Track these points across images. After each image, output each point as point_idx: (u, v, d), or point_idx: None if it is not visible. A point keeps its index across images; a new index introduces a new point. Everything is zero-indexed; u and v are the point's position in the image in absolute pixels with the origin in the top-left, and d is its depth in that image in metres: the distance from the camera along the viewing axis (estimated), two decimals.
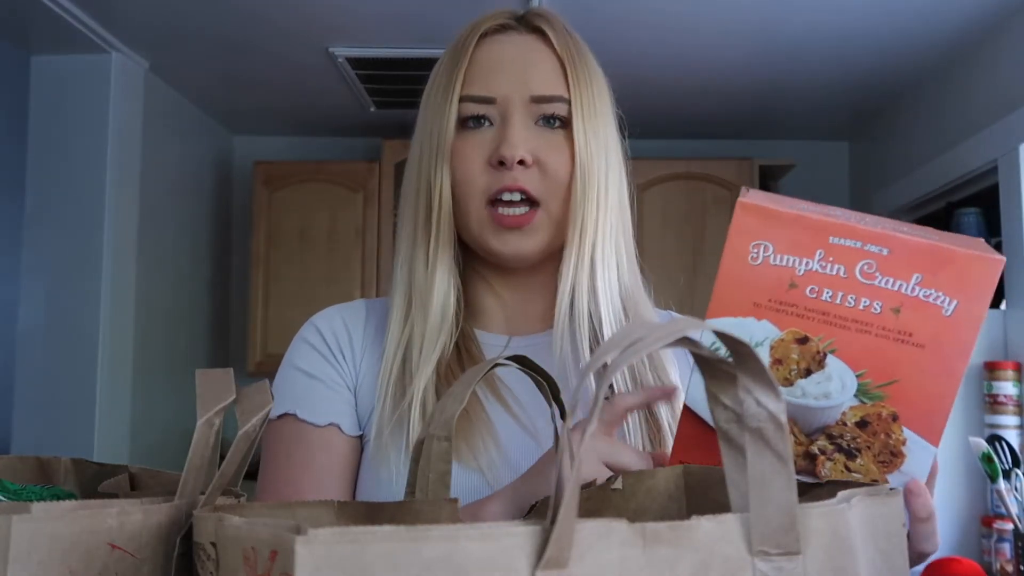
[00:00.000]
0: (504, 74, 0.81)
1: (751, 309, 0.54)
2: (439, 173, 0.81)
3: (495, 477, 0.77)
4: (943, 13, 2.47)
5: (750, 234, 0.53)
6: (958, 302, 0.51)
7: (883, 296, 0.52)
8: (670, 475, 0.58)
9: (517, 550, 0.32)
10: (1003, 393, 2.23)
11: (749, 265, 0.53)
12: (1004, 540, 2.15)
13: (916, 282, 0.51)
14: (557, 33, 0.83)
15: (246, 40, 2.73)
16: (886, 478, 0.56)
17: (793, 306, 0.53)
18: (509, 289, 0.88)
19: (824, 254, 0.52)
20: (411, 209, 0.85)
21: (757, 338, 0.54)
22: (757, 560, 0.35)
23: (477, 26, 0.84)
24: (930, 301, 0.52)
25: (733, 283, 0.54)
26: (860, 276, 0.52)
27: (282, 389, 0.84)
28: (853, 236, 0.52)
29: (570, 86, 0.81)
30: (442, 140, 0.81)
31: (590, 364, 0.34)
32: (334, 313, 0.89)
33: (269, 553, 0.32)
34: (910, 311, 0.52)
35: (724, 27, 2.62)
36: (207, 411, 0.44)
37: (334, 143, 3.83)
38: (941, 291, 0.51)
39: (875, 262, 0.52)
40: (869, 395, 0.54)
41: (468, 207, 0.81)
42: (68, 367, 2.75)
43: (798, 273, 0.53)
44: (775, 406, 0.37)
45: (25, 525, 0.37)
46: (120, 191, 2.85)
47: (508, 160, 0.78)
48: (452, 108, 0.81)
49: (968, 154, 2.63)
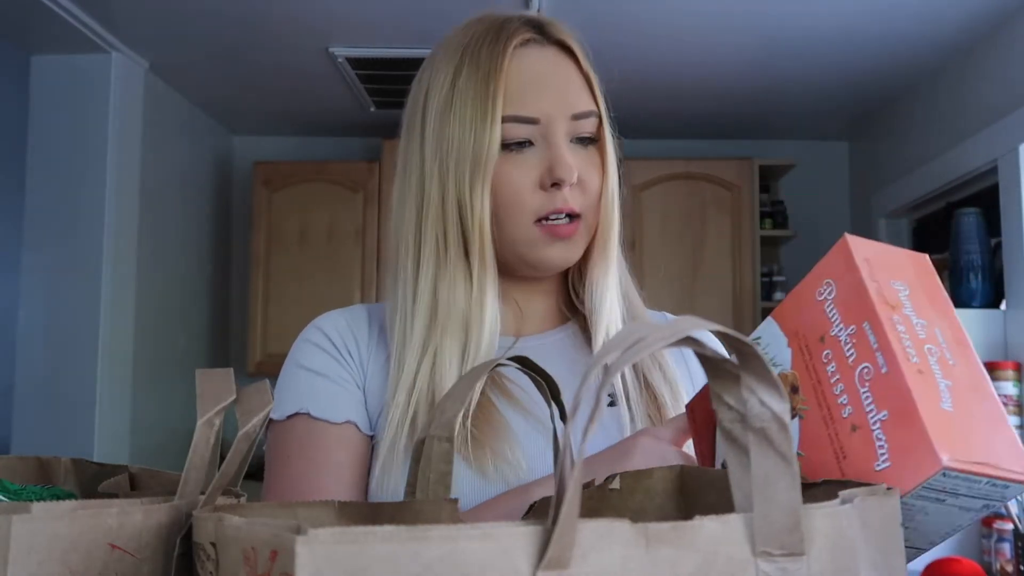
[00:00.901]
0: (546, 92, 0.80)
1: (791, 333, 0.56)
2: (479, 195, 0.79)
3: (517, 478, 0.77)
4: (943, 14, 2.47)
5: (831, 271, 0.54)
6: (890, 465, 0.48)
7: (856, 407, 0.50)
8: (667, 475, 0.58)
9: (518, 550, 0.32)
10: (1003, 393, 2.23)
11: (813, 298, 0.55)
12: (1004, 540, 2.15)
13: (880, 419, 0.49)
14: (578, 44, 0.84)
15: (246, 40, 2.73)
16: None
17: (811, 356, 0.54)
18: (524, 296, 0.88)
19: (855, 331, 0.52)
20: (434, 226, 0.82)
21: (779, 359, 0.56)
22: (760, 561, 0.35)
23: (501, 38, 0.81)
24: (874, 447, 0.49)
25: (796, 302, 0.56)
26: (857, 376, 0.51)
27: (289, 389, 0.83)
28: (877, 335, 0.50)
29: (596, 99, 0.83)
30: (483, 162, 0.79)
31: (593, 364, 0.34)
32: (336, 315, 0.88)
33: (269, 553, 0.32)
34: (858, 441, 0.50)
35: (724, 28, 2.62)
36: (207, 411, 0.43)
37: (334, 143, 3.83)
38: (888, 444, 0.48)
39: (873, 372, 0.50)
40: None
41: (515, 227, 0.80)
42: (68, 367, 2.75)
43: (830, 332, 0.53)
44: (779, 406, 0.37)
45: (25, 525, 0.37)
46: (120, 191, 2.85)
47: (566, 181, 0.78)
48: (494, 129, 0.78)
49: (968, 154, 2.63)
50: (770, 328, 0.58)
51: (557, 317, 0.90)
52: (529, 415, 0.80)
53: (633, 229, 3.46)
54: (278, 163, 3.56)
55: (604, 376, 0.33)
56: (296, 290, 3.46)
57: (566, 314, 0.90)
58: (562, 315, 0.90)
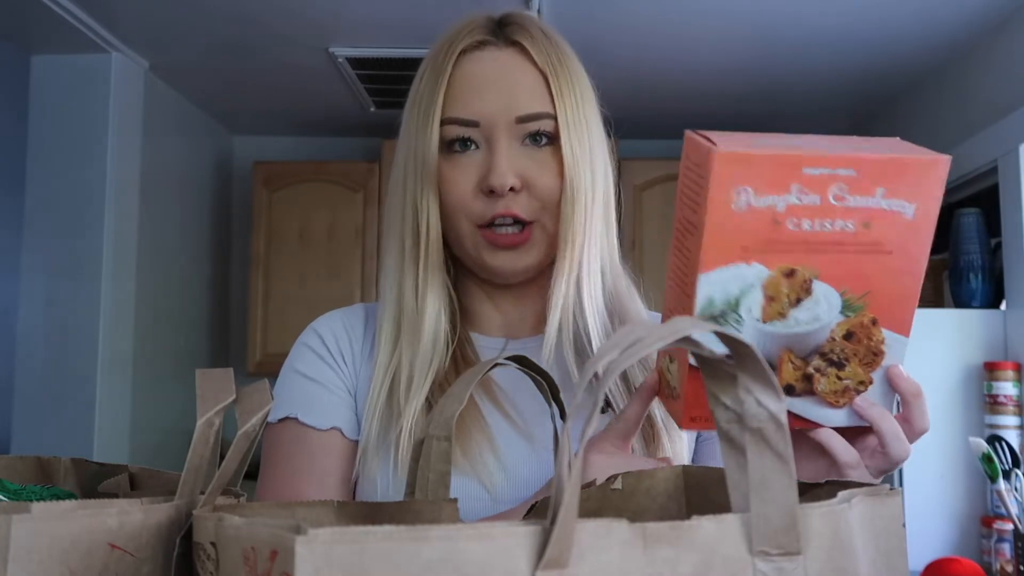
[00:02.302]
0: (487, 95, 0.79)
1: (740, 254, 0.55)
2: (425, 197, 0.80)
3: (492, 484, 0.77)
4: (942, 14, 2.47)
5: (730, 182, 0.54)
6: (916, 204, 0.55)
7: (855, 215, 0.55)
8: (669, 475, 0.58)
9: (517, 550, 0.32)
10: (1003, 393, 2.23)
11: (733, 212, 0.54)
12: (1004, 540, 2.15)
13: (881, 195, 0.55)
14: (536, 44, 0.81)
15: (246, 40, 2.73)
16: (871, 377, 0.61)
17: (778, 242, 0.55)
18: (505, 297, 0.88)
19: (800, 187, 0.54)
20: (396, 230, 0.83)
21: (750, 281, 0.56)
22: (758, 560, 0.35)
23: (455, 42, 0.81)
24: (894, 210, 0.55)
25: (720, 233, 0.55)
26: (833, 200, 0.54)
27: (283, 393, 0.84)
28: (823, 164, 0.54)
29: (554, 100, 0.80)
30: (427, 164, 0.79)
31: (590, 365, 0.34)
32: (335, 317, 0.89)
33: (269, 553, 0.32)
34: (879, 223, 0.55)
35: (724, 28, 2.62)
36: (207, 411, 0.44)
37: (334, 143, 3.83)
38: (903, 199, 0.55)
39: (845, 184, 0.54)
40: (852, 308, 0.58)
41: (460, 231, 0.80)
42: (68, 367, 2.75)
43: (779, 210, 0.54)
44: (776, 406, 0.37)
45: (25, 525, 0.37)
46: (120, 191, 2.85)
47: (498, 189, 0.77)
48: (434, 131, 0.79)
49: (968, 154, 2.63)
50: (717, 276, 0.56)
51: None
52: (512, 421, 0.80)
53: (633, 229, 3.46)
54: (278, 163, 3.56)
55: (604, 376, 0.34)
56: (296, 290, 3.46)
57: None
58: None
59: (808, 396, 0.60)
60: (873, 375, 0.61)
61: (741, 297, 0.56)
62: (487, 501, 0.77)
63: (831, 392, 0.60)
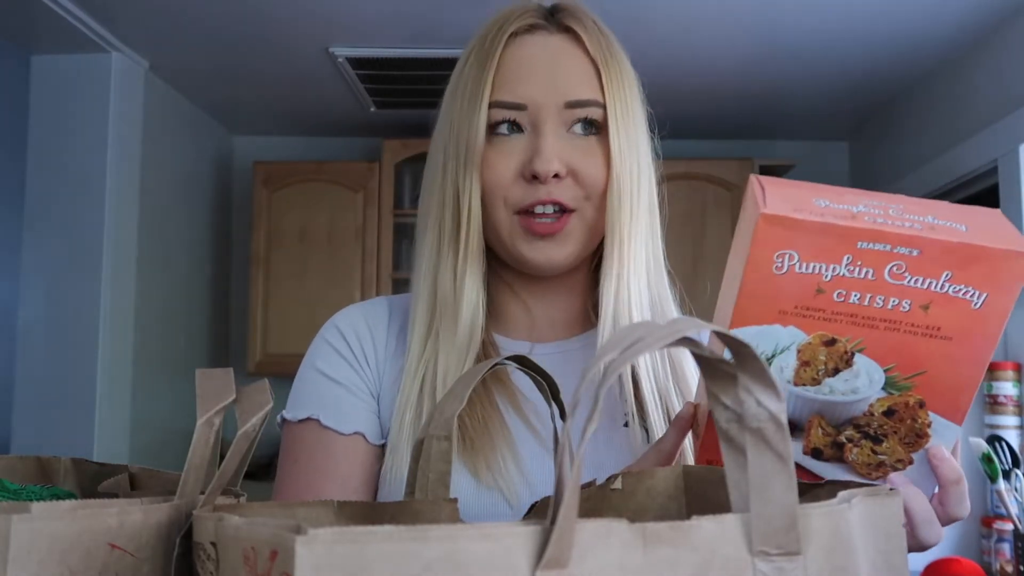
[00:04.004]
0: (535, 78, 0.77)
1: (776, 317, 0.53)
2: (468, 182, 0.77)
3: (514, 496, 0.74)
4: (942, 14, 2.47)
5: (774, 245, 0.51)
6: (988, 295, 0.50)
7: (912, 295, 0.51)
8: (669, 475, 0.58)
9: (517, 550, 0.32)
10: (1003, 393, 2.23)
11: (773, 275, 0.51)
12: (1004, 540, 2.15)
13: (946, 279, 0.50)
14: (589, 32, 0.80)
15: (246, 40, 2.73)
16: (911, 457, 0.57)
17: (820, 311, 0.52)
18: (535, 296, 0.85)
19: (852, 259, 0.50)
20: (435, 216, 0.81)
21: (784, 343, 0.53)
22: (757, 560, 0.35)
23: (505, 25, 0.79)
24: (960, 296, 0.51)
25: (757, 294, 0.52)
26: (889, 277, 0.51)
27: (303, 392, 0.82)
28: (882, 240, 0.50)
29: (604, 89, 0.78)
30: (471, 148, 0.77)
31: (592, 363, 0.34)
32: (357, 314, 0.86)
33: (269, 553, 0.32)
34: (939, 307, 0.51)
35: (724, 28, 2.62)
36: (207, 411, 0.44)
37: (334, 143, 3.83)
38: (971, 286, 0.50)
39: (905, 263, 0.50)
40: (897, 386, 0.54)
41: (498, 216, 0.78)
42: (68, 367, 2.75)
43: (825, 279, 0.51)
44: (776, 406, 0.37)
45: (25, 525, 0.37)
46: (120, 191, 2.85)
47: (542, 175, 0.75)
48: (481, 114, 0.76)
49: (968, 154, 2.63)
50: (748, 334, 0.54)
51: (579, 322, 0.86)
52: (534, 431, 0.78)
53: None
54: (278, 163, 3.56)
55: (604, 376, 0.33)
56: (296, 290, 3.46)
57: (592, 319, 0.85)
58: (587, 320, 0.86)
59: (837, 463, 0.58)
60: (914, 456, 0.57)
61: (773, 356, 0.54)
62: (509, 516, 0.74)
63: (864, 464, 0.58)
